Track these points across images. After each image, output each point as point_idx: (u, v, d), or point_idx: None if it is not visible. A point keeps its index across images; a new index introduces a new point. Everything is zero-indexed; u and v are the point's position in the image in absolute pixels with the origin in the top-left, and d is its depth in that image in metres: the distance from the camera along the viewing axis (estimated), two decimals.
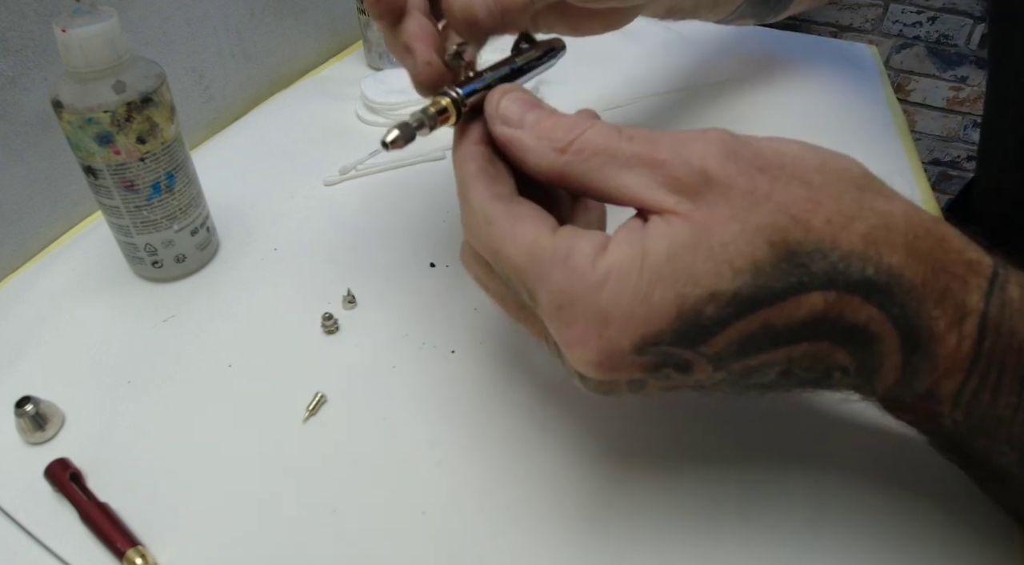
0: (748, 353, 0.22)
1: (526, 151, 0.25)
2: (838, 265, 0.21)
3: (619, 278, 0.22)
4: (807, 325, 0.22)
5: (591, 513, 0.30)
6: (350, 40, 0.73)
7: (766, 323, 0.22)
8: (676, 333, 0.22)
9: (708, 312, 0.21)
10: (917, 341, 0.22)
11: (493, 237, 0.24)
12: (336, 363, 0.37)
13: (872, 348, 0.22)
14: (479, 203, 0.25)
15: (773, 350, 0.22)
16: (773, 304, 0.21)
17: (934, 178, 1.69)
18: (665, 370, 0.23)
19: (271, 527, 0.30)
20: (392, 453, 0.32)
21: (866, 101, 0.59)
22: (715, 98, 0.58)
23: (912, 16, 1.48)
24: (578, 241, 0.23)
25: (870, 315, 0.22)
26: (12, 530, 0.29)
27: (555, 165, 0.24)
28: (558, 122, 0.25)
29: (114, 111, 0.34)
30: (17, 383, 0.35)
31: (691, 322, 0.21)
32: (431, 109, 0.27)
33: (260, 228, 0.46)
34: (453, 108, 0.27)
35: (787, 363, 0.23)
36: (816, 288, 0.21)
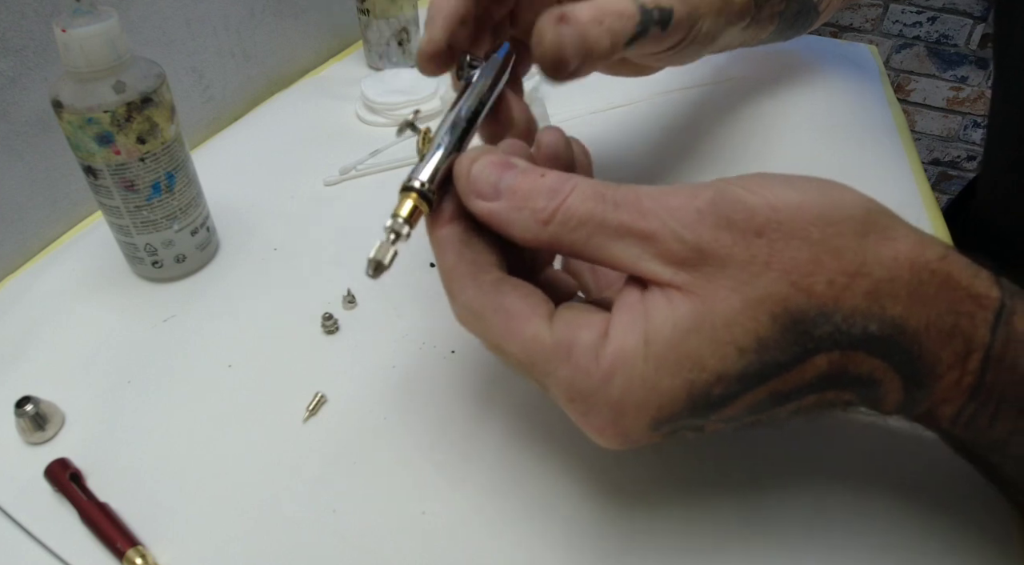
0: (758, 412, 0.23)
1: (509, 225, 0.24)
2: (840, 326, 0.21)
3: (625, 369, 0.22)
4: (813, 384, 0.22)
5: (591, 512, 0.30)
6: (350, 40, 0.73)
7: (774, 391, 0.22)
8: (688, 411, 0.22)
9: (716, 392, 0.22)
10: (919, 380, 0.23)
11: (489, 333, 0.24)
12: (336, 363, 0.37)
13: (875, 388, 0.23)
14: (464, 299, 0.24)
15: (783, 407, 0.23)
16: (780, 375, 0.22)
17: (934, 178, 1.69)
18: (680, 434, 0.24)
19: (271, 527, 0.30)
20: (392, 453, 0.32)
21: (866, 101, 0.59)
22: (715, 98, 0.58)
23: (912, 16, 1.48)
24: (578, 333, 0.22)
25: (873, 366, 0.22)
26: (12, 530, 0.29)
27: (541, 237, 0.23)
28: (536, 187, 0.23)
29: (114, 111, 0.34)
30: (17, 383, 0.35)
31: (701, 402, 0.22)
32: (400, 214, 0.24)
33: (260, 228, 0.46)
34: (422, 202, 0.25)
35: (795, 411, 0.24)
36: (821, 351, 0.21)
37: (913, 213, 0.46)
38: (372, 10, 0.62)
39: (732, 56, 0.63)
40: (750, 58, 0.63)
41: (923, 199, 0.48)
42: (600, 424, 0.23)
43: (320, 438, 0.33)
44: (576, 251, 0.23)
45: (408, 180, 0.25)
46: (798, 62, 0.63)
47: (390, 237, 0.25)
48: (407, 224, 0.24)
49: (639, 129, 0.55)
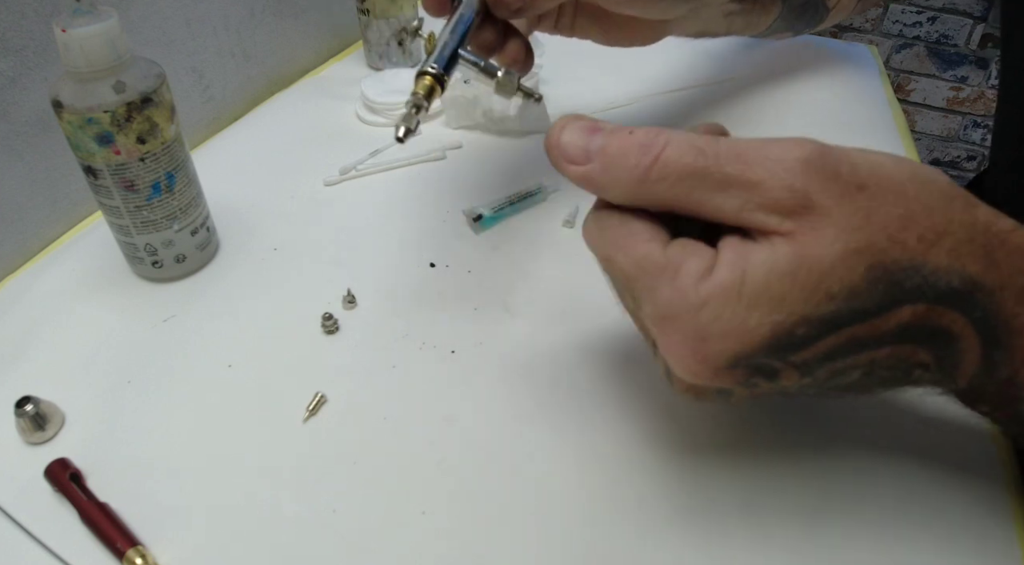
0: (834, 359, 0.23)
1: (604, 187, 0.24)
2: (928, 279, 0.22)
3: (719, 299, 0.22)
4: (894, 334, 0.23)
5: (591, 512, 0.30)
6: (350, 40, 0.73)
7: (853, 337, 0.23)
8: (767, 350, 0.23)
9: (799, 333, 0.22)
10: (997, 338, 0.23)
11: (606, 244, 0.25)
12: (336, 363, 0.37)
13: (953, 346, 0.23)
14: (599, 209, 0.26)
15: (858, 355, 0.23)
16: (865, 321, 0.22)
17: None
18: (754, 379, 0.24)
19: (271, 527, 0.30)
20: (392, 453, 0.32)
21: (866, 101, 0.59)
22: (715, 97, 0.58)
23: (912, 16, 1.48)
24: (687, 260, 0.23)
25: (953, 319, 0.23)
26: (12, 530, 0.29)
27: (639, 196, 0.24)
28: (626, 145, 0.24)
29: (114, 111, 0.34)
30: (17, 383, 0.35)
31: (783, 342, 0.22)
32: (419, 92, 0.29)
33: (260, 228, 0.46)
34: (436, 83, 0.30)
35: (870, 365, 0.24)
36: (907, 302, 0.22)
37: None
38: (372, 10, 0.62)
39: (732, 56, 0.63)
40: (750, 58, 0.63)
41: None
42: (682, 348, 0.23)
43: (320, 438, 0.33)
44: (675, 206, 0.24)
45: (423, 65, 0.30)
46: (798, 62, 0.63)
47: (411, 110, 0.29)
48: (425, 99, 0.29)
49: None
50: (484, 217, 0.46)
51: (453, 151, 0.53)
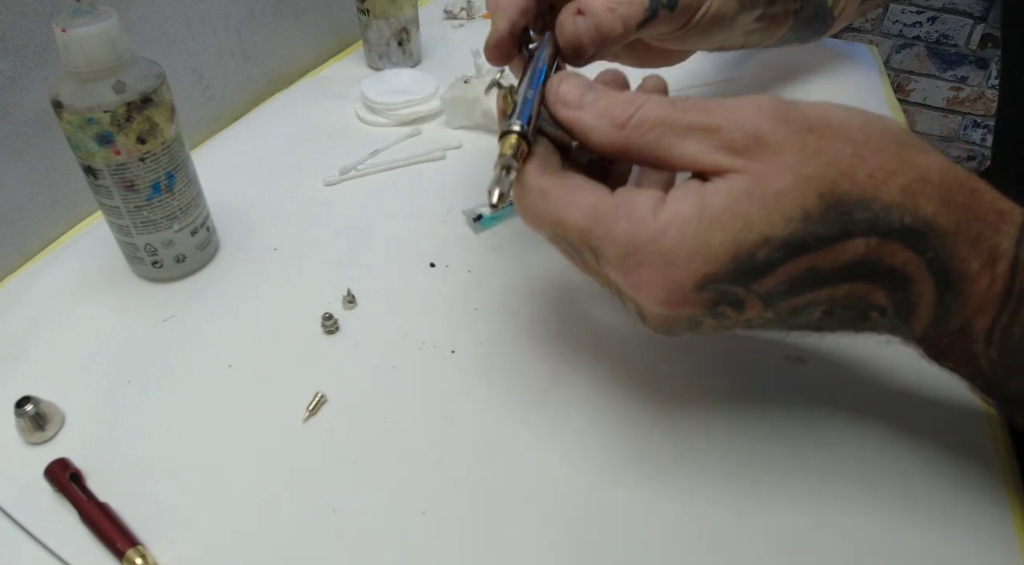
0: (795, 292, 0.24)
1: (588, 130, 0.26)
2: (879, 214, 0.23)
3: (681, 225, 0.24)
4: (849, 267, 0.24)
5: (591, 511, 0.30)
6: (350, 40, 0.73)
7: (812, 266, 0.24)
8: (732, 273, 0.24)
9: (761, 255, 0.23)
10: (949, 282, 0.24)
11: (552, 208, 0.26)
12: (336, 363, 0.37)
13: (908, 288, 0.24)
14: (533, 179, 0.27)
15: (817, 290, 0.24)
16: (820, 249, 0.23)
17: None
18: (721, 307, 0.25)
19: (271, 527, 0.30)
20: (392, 453, 0.32)
21: (866, 101, 0.59)
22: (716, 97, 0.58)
23: (912, 16, 1.48)
24: (638, 196, 0.25)
25: (907, 258, 0.24)
26: (12, 530, 0.29)
27: (616, 140, 0.26)
28: (615, 100, 0.26)
29: (114, 111, 0.34)
30: (17, 383, 0.35)
31: (745, 264, 0.23)
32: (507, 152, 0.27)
33: (260, 228, 0.46)
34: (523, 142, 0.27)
35: (829, 303, 0.25)
36: (859, 234, 0.23)
37: None
38: (372, 10, 0.62)
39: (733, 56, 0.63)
40: (751, 58, 0.63)
41: None
42: (651, 276, 0.24)
43: (320, 438, 0.33)
44: (646, 153, 0.26)
45: (508, 125, 0.28)
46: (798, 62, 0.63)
47: (501, 172, 0.27)
48: (515, 159, 0.27)
49: None
50: (484, 217, 0.46)
51: (453, 151, 0.53)
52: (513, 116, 0.29)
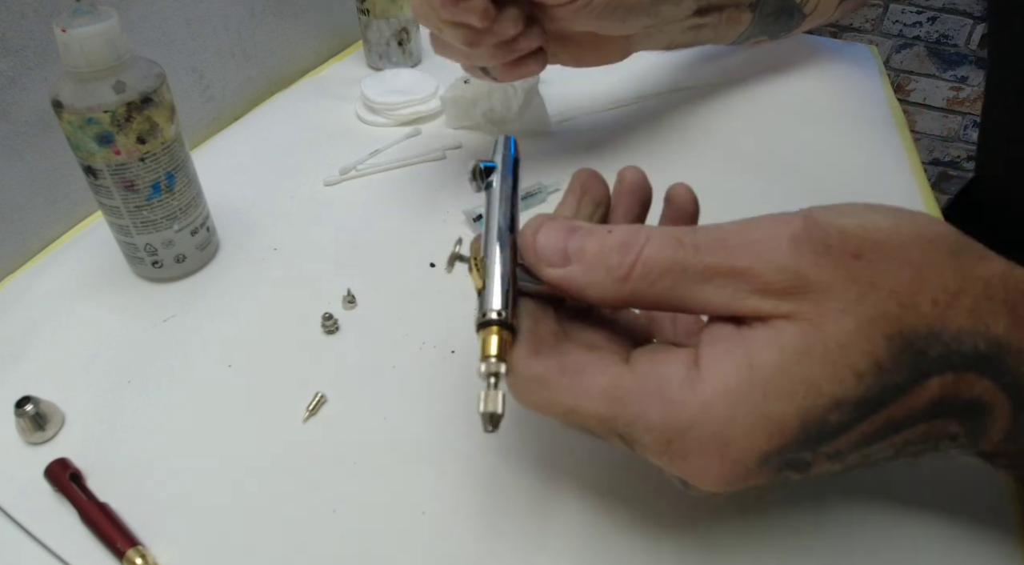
0: (870, 444, 0.21)
1: (585, 288, 0.23)
2: (951, 345, 0.20)
3: (728, 397, 0.20)
4: (926, 411, 0.21)
5: (592, 512, 0.30)
6: (350, 40, 0.73)
7: (890, 418, 0.21)
8: (800, 443, 0.20)
9: (833, 419, 0.20)
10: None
11: (558, 398, 0.22)
12: (336, 363, 0.37)
13: (983, 417, 0.22)
14: (524, 366, 0.23)
15: (893, 438, 0.21)
16: (896, 400, 0.20)
17: (934, 178, 1.69)
18: (785, 473, 0.22)
19: (271, 527, 0.30)
20: (392, 453, 0.32)
21: (866, 101, 0.59)
22: (715, 98, 0.58)
23: (912, 16, 1.48)
24: (664, 368, 0.21)
25: (984, 388, 0.21)
26: (12, 530, 0.29)
27: (621, 295, 0.22)
28: (606, 244, 0.22)
29: (114, 111, 0.34)
30: (17, 383, 0.35)
31: (815, 432, 0.20)
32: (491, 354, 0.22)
33: (260, 228, 0.46)
34: (505, 331, 0.23)
35: (903, 445, 0.22)
36: (934, 373, 0.20)
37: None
38: (372, 10, 0.62)
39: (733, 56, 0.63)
40: (751, 58, 0.63)
41: (923, 199, 0.48)
42: (704, 462, 0.21)
43: (320, 438, 0.33)
44: (661, 303, 0.22)
45: (483, 314, 0.23)
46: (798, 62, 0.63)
47: (491, 382, 0.23)
48: (501, 362, 0.23)
49: (638, 129, 0.55)
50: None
51: (453, 151, 0.53)
52: (486, 297, 0.23)
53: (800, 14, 0.52)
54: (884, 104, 0.59)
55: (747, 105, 0.57)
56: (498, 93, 0.53)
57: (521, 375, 0.23)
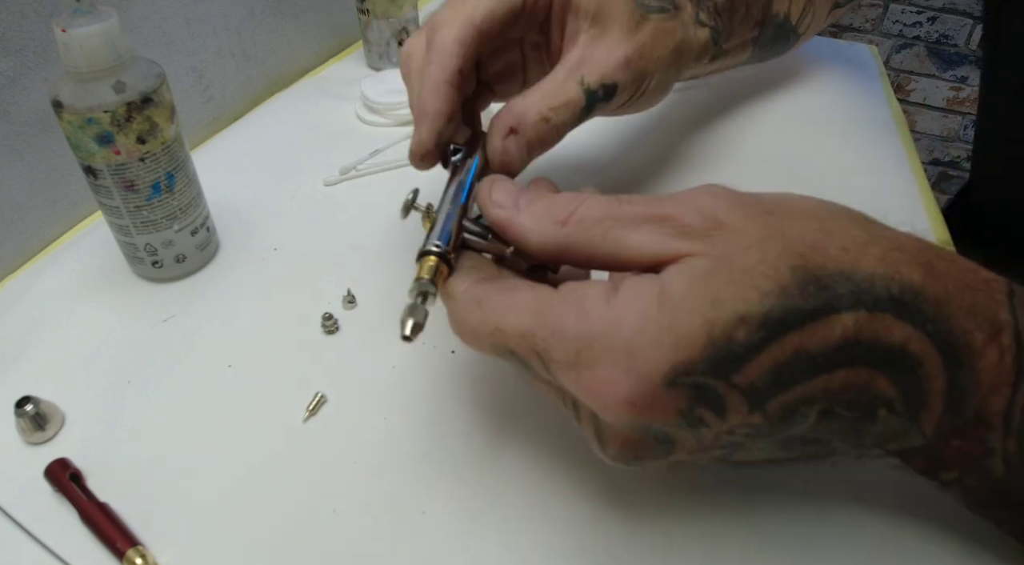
0: (784, 384, 0.21)
1: (525, 231, 0.25)
2: (862, 285, 0.21)
3: (640, 310, 0.21)
4: (841, 348, 0.21)
5: (591, 513, 0.30)
6: (350, 40, 0.73)
7: (799, 347, 0.21)
8: (708, 361, 0.20)
9: (739, 336, 0.20)
10: (958, 357, 0.21)
11: (488, 316, 0.24)
12: (336, 363, 0.37)
13: (915, 372, 0.21)
14: (464, 289, 0.25)
15: (809, 379, 0.21)
16: (804, 325, 0.20)
17: (934, 178, 1.69)
18: (698, 410, 0.21)
19: (271, 527, 0.30)
20: (392, 453, 0.32)
21: (866, 101, 0.59)
22: (716, 98, 0.58)
23: (912, 16, 1.48)
24: (586, 289, 0.23)
25: (905, 334, 0.21)
26: (12, 530, 0.29)
27: (558, 238, 0.24)
28: (553, 200, 0.25)
29: (114, 111, 0.34)
30: (17, 383, 0.35)
31: (723, 348, 0.20)
32: (424, 276, 0.26)
33: (260, 228, 0.46)
34: (443, 263, 0.26)
35: (826, 398, 0.21)
36: (845, 309, 0.21)
37: (913, 213, 0.46)
38: (372, 10, 0.62)
39: None
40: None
41: (923, 199, 0.48)
42: (610, 373, 0.21)
43: (320, 438, 0.33)
44: (592, 251, 0.24)
45: (424, 246, 0.26)
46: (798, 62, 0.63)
47: (417, 299, 0.25)
48: (432, 284, 0.25)
49: (638, 129, 0.55)
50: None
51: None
52: (431, 235, 0.26)
53: (795, 35, 0.52)
54: (884, 104, 0.59)
55: (746, 105, 0.57)
56: None
57: (459, 297, 0.25)
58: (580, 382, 0.22)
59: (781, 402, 0.21)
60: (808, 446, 0.23)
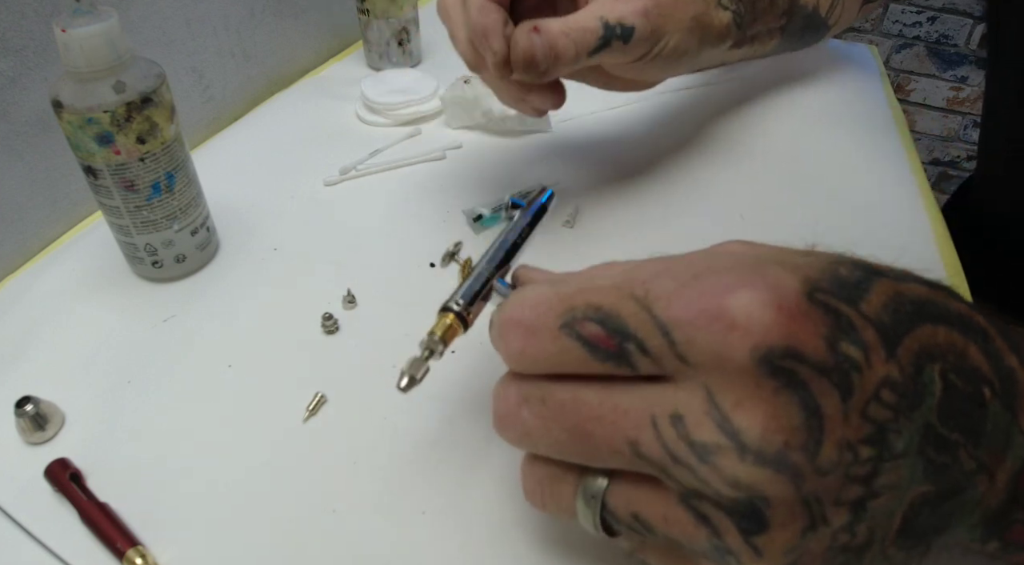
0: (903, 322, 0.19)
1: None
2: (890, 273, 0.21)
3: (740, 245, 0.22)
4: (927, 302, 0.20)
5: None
6: (350, 40, 0.73)
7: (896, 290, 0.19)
8: (831, 281, 0.19)
9: (843, 272, 0.19)
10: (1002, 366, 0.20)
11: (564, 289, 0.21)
12: (336, 363, 0.37)
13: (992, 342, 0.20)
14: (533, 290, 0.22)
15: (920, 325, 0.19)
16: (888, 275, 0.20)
17: (934, 178, 1.69)
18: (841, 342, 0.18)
19: (271, 527, 0.30)
20: (392, 453, 0.32)
21: (866, 101, 0.59)
22: (715, 98, 0.58)
23: (912, 16, 1.48)
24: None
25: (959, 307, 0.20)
26: (12, 530, 0.29)
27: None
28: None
29: (114, 111, 0.34)
30: (17, 383, 0.35)
31: (837, 274, 0.19)
32: (436, 333, 0.26)
33: (260, 228, 0.46)
34: (458, 322, 0.26)
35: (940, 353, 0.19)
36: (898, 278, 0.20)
37: (913, 212, 0.46)
38: (372, 10, 0.62)
39: None
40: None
41: (923, 199, 0.48)
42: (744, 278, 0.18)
43: (320, 438, 0.33)
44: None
45: (447, 301, 0.27)
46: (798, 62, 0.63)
47: (424, 354, 0.25)
48: (442, 343, 0.26)
49: (639, 129, 0.55)
50: (484, 217, 0.46)
51: (453, 151, 0.53)
52: (457, 291, 0.27)
53: (825, 27, 0.52)
54: (884, 104, 0.59)
55: (746, 105, 0.57)
56: None
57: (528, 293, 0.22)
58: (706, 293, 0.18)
59: (908, 348, 0.19)
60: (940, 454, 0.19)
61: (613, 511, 0.22)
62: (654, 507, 0.20)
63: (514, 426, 0.22)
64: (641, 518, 0.21)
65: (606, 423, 0.20)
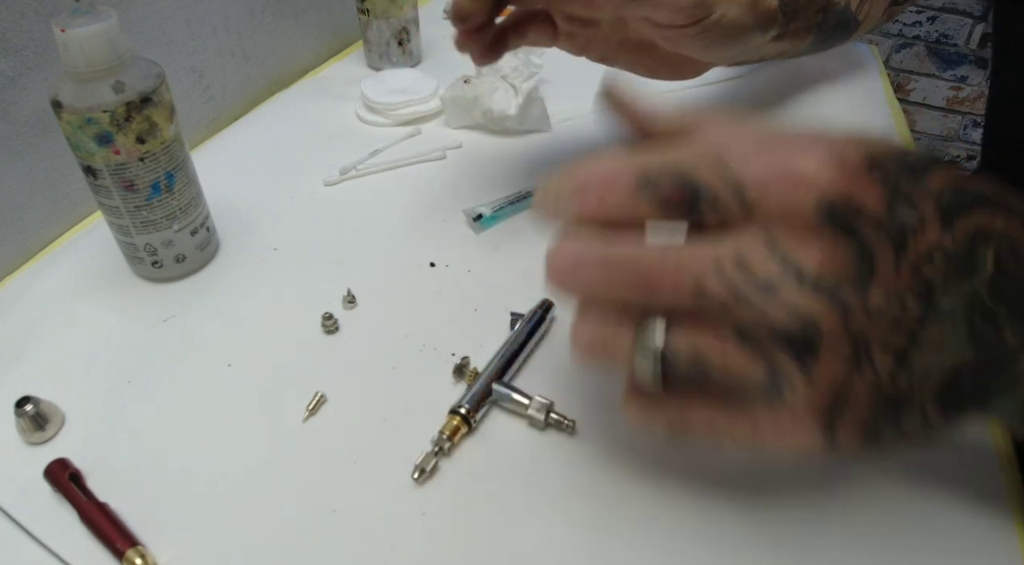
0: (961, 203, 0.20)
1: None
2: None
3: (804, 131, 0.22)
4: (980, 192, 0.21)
5: (593, 512, 0.30)
6: (350, 40, 0.73)
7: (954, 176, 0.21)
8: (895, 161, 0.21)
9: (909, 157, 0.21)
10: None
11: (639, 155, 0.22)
12: (336, 363, 0.37)
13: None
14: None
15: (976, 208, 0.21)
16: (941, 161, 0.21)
17: None
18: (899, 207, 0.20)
19: (271, 527, 0.30)
20: (392, 453, 0.32)
21: (866, 101, 0.59)
22: (717, 98, 0.58)
23: (912, 16, 1.48)
24: None
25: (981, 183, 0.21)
26: (12, 530, 0.29)
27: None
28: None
29: (114, 111, 0.34)
30: (17, 383, 0.35)
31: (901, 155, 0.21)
32: (444, 432, 0.31)
33: (260, 228, 0.46)
34: (464, 423, 0.32)
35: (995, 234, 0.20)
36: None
37: None
38: (372, 10, 0.62)
39: None
40: None
41: None
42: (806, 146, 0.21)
43: (320, 438, 0.33)
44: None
45: (455, 404, 0.32)
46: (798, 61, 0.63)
47: (434, 449, 0.31)
48: (449, 440, 0.31)
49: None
50: (484, 217, 0.46)
51: (453, 151, 0.53)
52: (465, 396, 0.33)
53: (855, 22, 0.52)
54: (884, 104, 0.59)
55: (746, 105, 0.57)
56: (498, 93, 0.53)
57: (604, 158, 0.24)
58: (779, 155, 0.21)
59: (964, 227, 0.20)
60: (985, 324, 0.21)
61: (674, 353, 0.22)
62: (714, 346, 0.22)
63: (576, 274, 0.23)
64: (701, 358, 0.22)
65: (670, 266, 0.21)
